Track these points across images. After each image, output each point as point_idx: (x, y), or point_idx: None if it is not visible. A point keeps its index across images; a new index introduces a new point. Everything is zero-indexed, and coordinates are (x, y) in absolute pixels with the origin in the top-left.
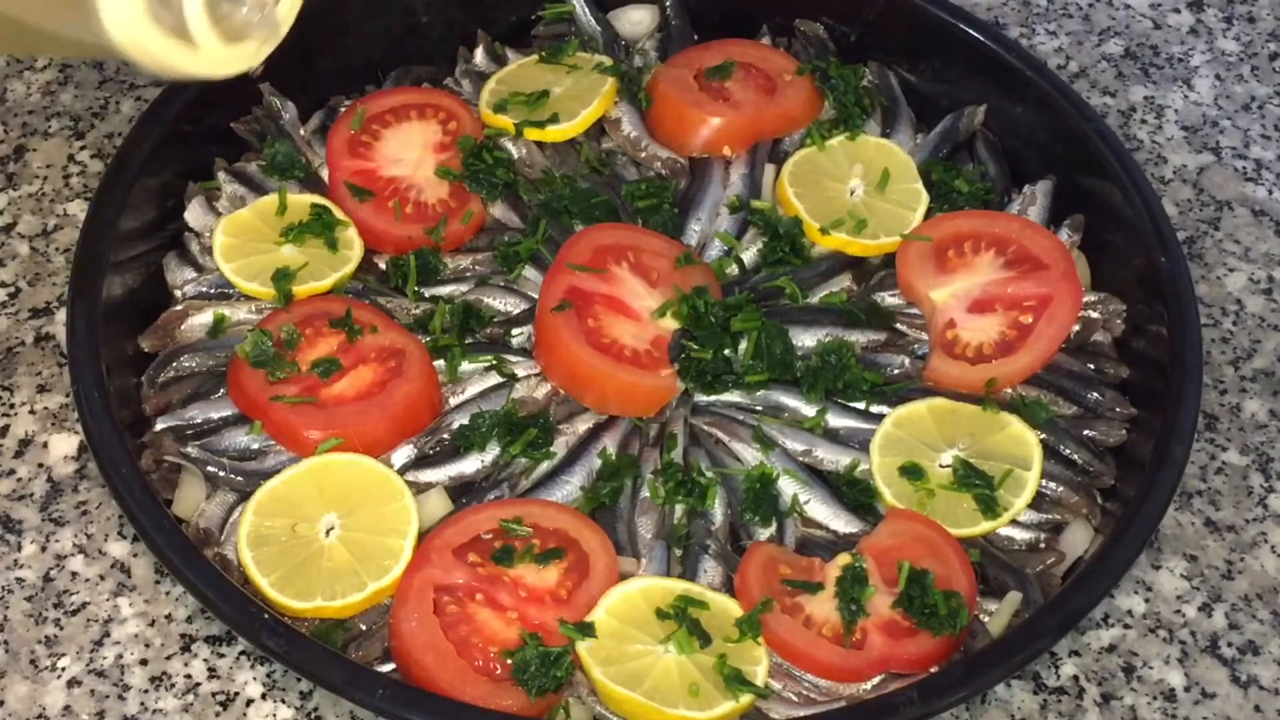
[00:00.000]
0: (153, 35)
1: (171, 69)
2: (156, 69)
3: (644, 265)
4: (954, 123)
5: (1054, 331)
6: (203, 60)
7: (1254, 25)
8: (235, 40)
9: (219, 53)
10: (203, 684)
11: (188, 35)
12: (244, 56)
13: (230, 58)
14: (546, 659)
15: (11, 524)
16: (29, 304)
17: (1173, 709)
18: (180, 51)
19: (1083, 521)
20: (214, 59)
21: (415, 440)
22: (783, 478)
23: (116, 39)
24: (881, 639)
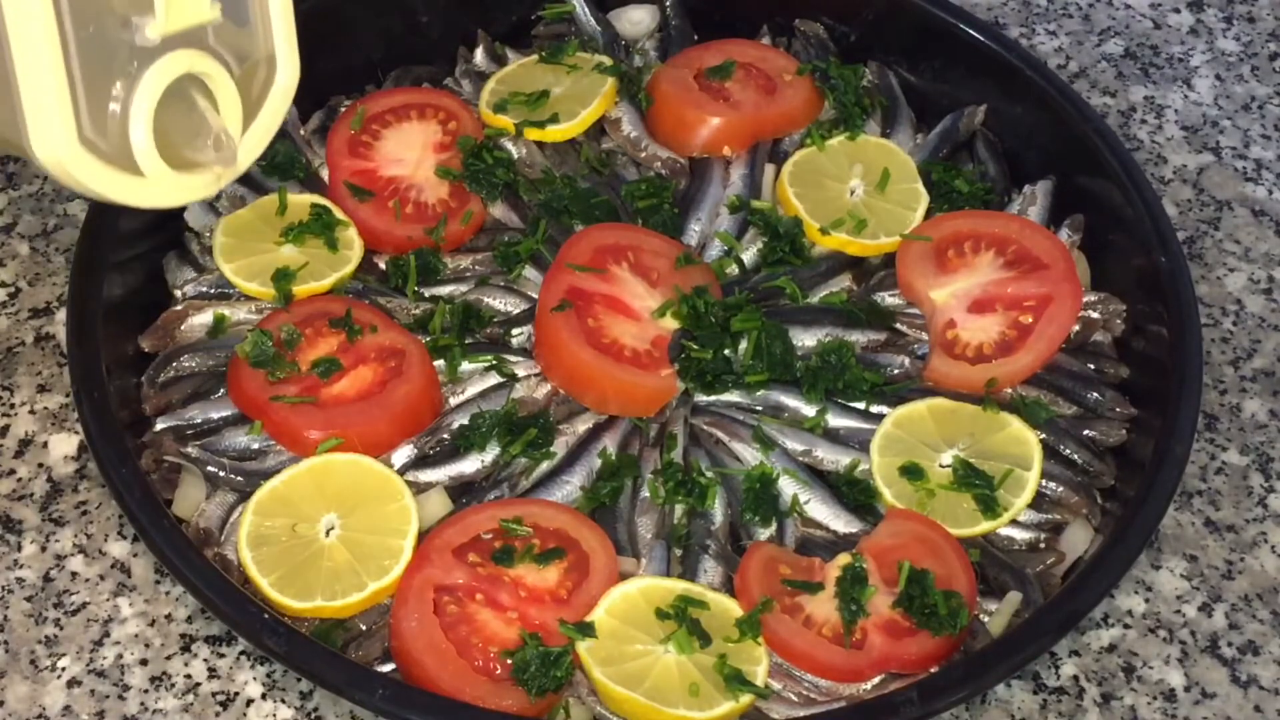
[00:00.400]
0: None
1: (110, 198)
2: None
3: (644, 265)
4: (954, 123)
5: (1054, 331)
6: (148, 191)
7: (1254, 25)
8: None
9: (168, 183)
10: (203, 684)
11: (131, 163)
12: (196, 188)
13: (180, 188)
14: (546, 659)
15: (11, 524)
16: (29, 304)
17: (1173, 709)
18: (121, 181)
19: (1083, 521)
20: (161, 190)
21: (415, 440)
22: (783, 478)
23: (44, 164)
24: (881, 639)
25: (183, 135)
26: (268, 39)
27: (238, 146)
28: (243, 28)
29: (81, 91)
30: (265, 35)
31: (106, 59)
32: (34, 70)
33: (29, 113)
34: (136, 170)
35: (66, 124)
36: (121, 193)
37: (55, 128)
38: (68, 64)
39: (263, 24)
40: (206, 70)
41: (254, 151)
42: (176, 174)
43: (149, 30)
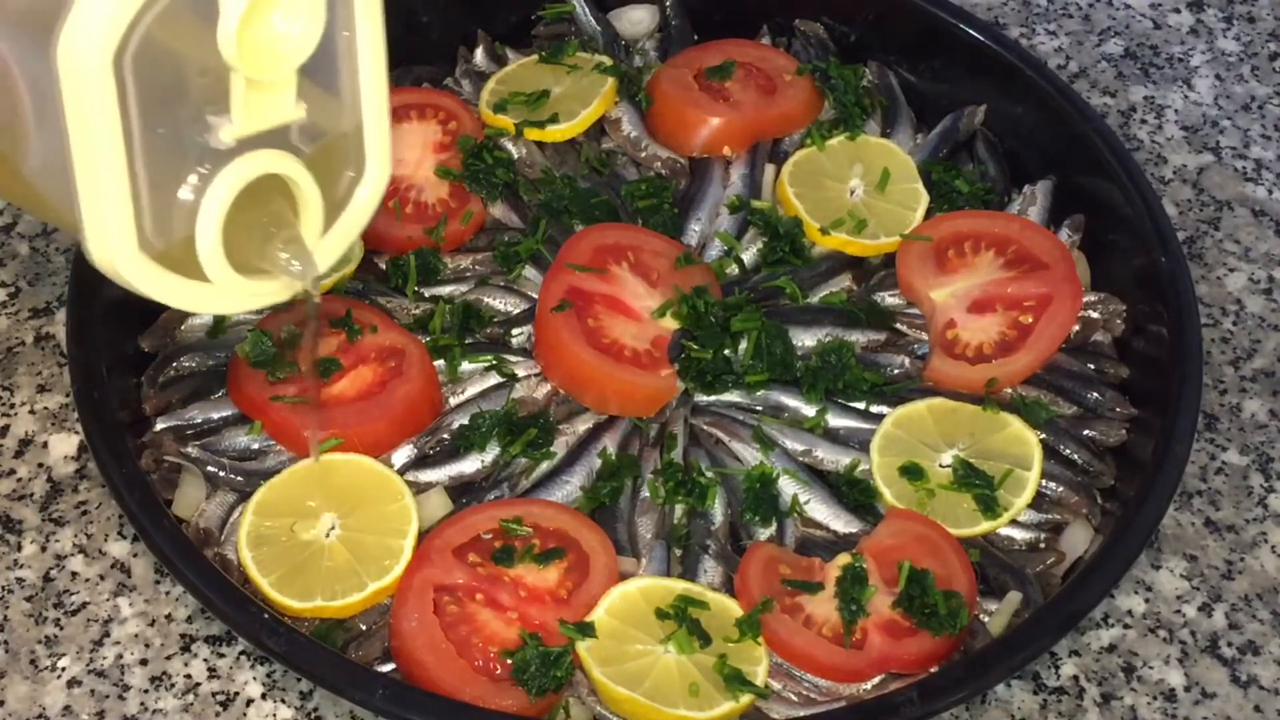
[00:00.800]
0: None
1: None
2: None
3: (644, 265)
4: (954, 123)
5: (1054, 331)
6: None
7: (1254, 25)
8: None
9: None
10: (203, 684)
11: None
12: (264, 295)
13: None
14: (546, 659)
15: (11, 524)
16: (29, 304)
17: (1173, 709)
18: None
19: (1083, 521)
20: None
21: (415, 440)
22: (783, 478)
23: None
24: (881, 639)
25: (254, 237)
26: (357, 137)
27: (314, 254)
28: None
29: (145, 194)
30: (355, 133)
31: (176, 159)
32: (93, 172)
33: (86, 214)
34: (201, 275)
35: (125, 230)
36: (182, 299)
37: (113, 233)
38: (132, 166)
39: (353, 120)
40: (286, 171)
41: (331, 256)
42: (244, 280)
43: (224, 133)
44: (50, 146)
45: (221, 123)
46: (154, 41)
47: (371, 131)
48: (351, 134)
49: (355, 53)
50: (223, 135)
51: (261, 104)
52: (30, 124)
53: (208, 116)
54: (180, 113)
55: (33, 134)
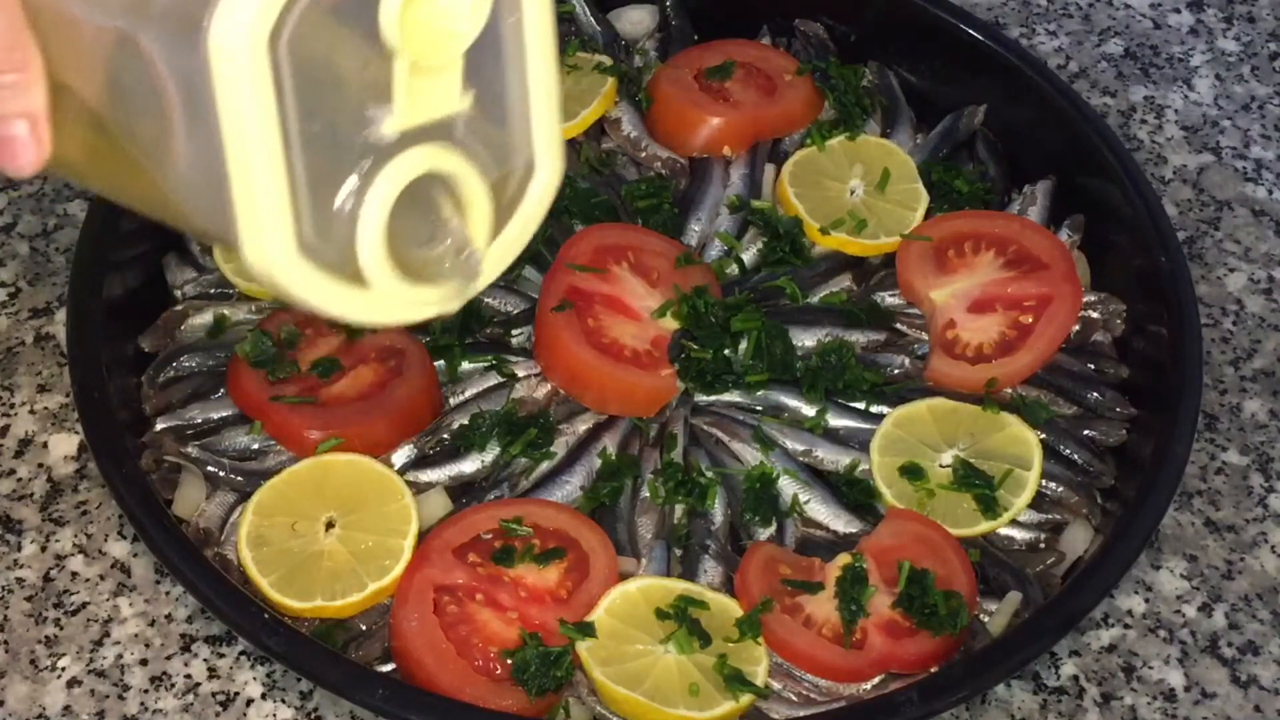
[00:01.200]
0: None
1: (329, 313)
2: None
3: (644, 265)
4: (954, 123)
5: (1054, 331)
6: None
7: (1254, 25)
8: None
9: (397, 296)
10: (203, 684)
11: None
12: (429, 302)
13: (411, 302)
14: (546, 659)
15: (11, 524)
16: (29, 304)
17: (1173, 709)
18: (343, 294)
19: (1083, 521)
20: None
21: (415, 440)
22: (783, 478)
23: (258, 274)
24: (881, 639)
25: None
26: (526, 131)
27: (483, 258)
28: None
29: (304, 194)
30: (524, 126)
31: (336, 156)
32: (249, 172)
33: (242, 217)
34: (362, 281)
35: (284, 232)
36: (342, 307)
37: (271, 235)
38: (289, 164)
39: (522, 112)
40: (452, 169)
41: (502, 263)
42: (408, 286)
43: (385, 126)
44: (200, 150)
45: (383, 114)
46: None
47: (541, 124)
48: (519, 128)
49: (523, 38)
50: (385, 128)
51: (426, 93)
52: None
53: (368, 109)
54: (338, 105)
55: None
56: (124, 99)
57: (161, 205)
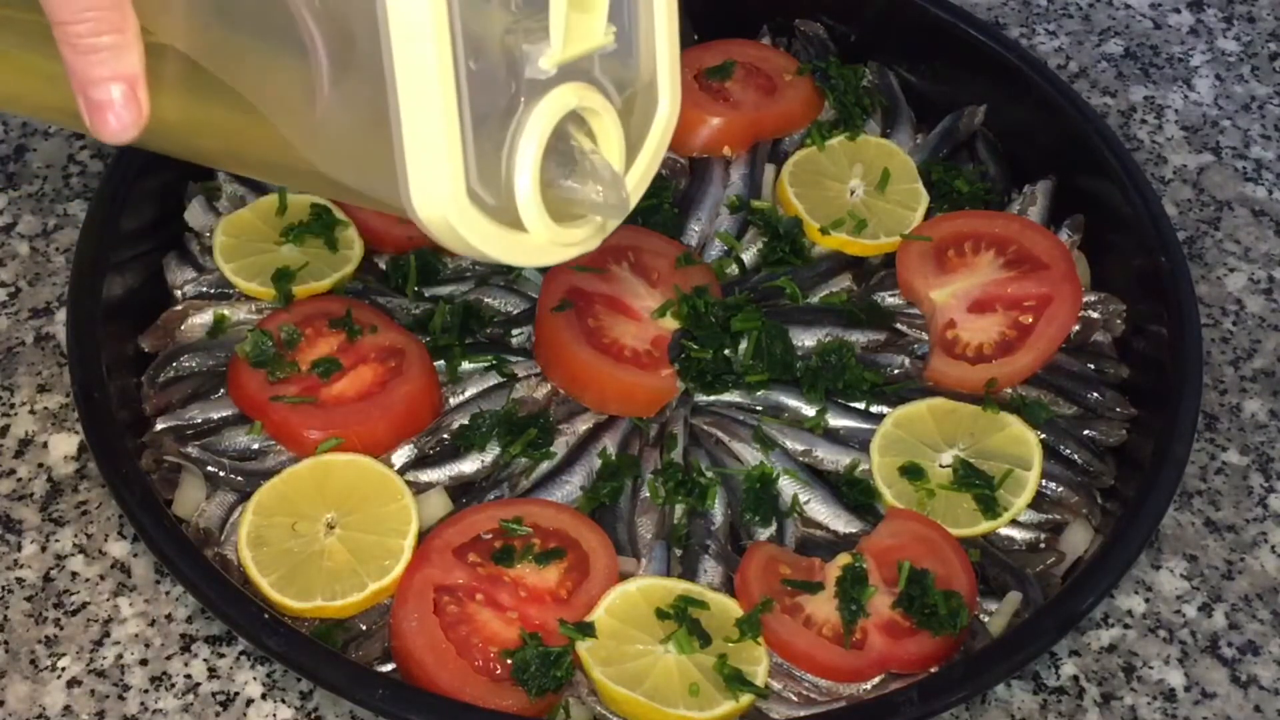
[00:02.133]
0: (470, 219)
1: (486, 256)
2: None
3: (644, 265)
4: (954, 123)
5: (1054, 331)
6: (526, 248)
7: (1254, 25)
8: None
9: (548, 237)
10: (203, 684)
11: (514, 216)
12: (578, 241)
13: (563, 242)
14: (546, 659)
15: (11, 524)
16: (29, 304)
17: (1173, 709)
18: (500, 237)
19: (1083, 521)
20: (541, 246)
21: (415, 440)
22: (783, 478)
23: (425, 220)
24: (881, 639)
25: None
26: (650, 66)
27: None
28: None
29: (470, 137)
30: (648, 62)
31: (493, 96)
32: (423, 113)
33: (412, 164)
34: (518, 224)
35: (456, 175)
36: (506, 251)
37: (443, 181)
38: (460, 106)
39: (646, 49)
40: (593, 105)
41: (638, 193)
42: (559, 227)
43: (543, 60)
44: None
45: (538, 52)
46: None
47: (664, 57)
48: (646, 62)
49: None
50: (543, 63)
51: (580, 26)
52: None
53: (523, 47)
54: (493, 44)
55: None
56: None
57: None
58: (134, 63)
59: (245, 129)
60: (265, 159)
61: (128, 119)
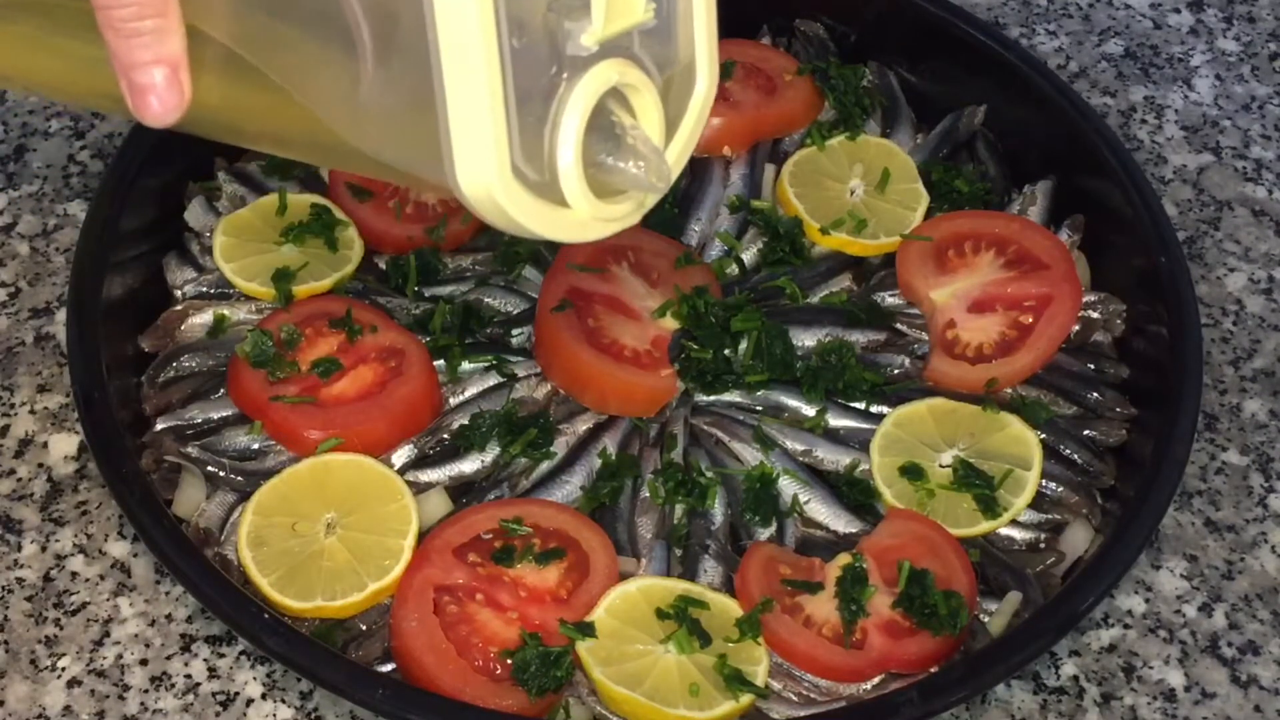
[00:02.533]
0: (515, 195)
1: (530, 232)
2: (512, 230)
3: (644, 265)
4: (954, 123)
5: (1054, 331)
6: (569, 224)
7: (1254, 25)
8: (609, 196)
9: (590, 212)
10: (203, 684)
11: (557, 193)
12: (619, 217)
13: (605, 218)
14: (546, 659)
15: (11, 524)
16: (29, 304)
17: (1173, 709)
18: (544, 213)
19: (1083, 521)
20: (583, 222)
21: (415, 440)
22: (783, 478)
23: (470, 197)
24: (881, 639)
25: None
26: (688, 44)
27: (669, 165)
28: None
29: (514, 114)
30: (686, 40)
31: (535, 73)
32: (469, 93)
33: (458, 143)
34: (561, 200)
35: (501, 152)
36: (549, 227)
37: (488, 157)
38: (504, 83)
39: (684, 27)
40: (633, 81)
41: (676, 170)
42: (600, 203)
43: (584, 38)
44: (398, 76)
45: (580, 28)
46: None
47: (701, 36)
48: (684, 41)
49: None
50: (584, 40)
51: (620, 3)
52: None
53: (565, 23)
54: (535, 21)
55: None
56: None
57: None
58: (176, 46)
59: (286, 111)
60: (306, 140)
61: (171, 102)
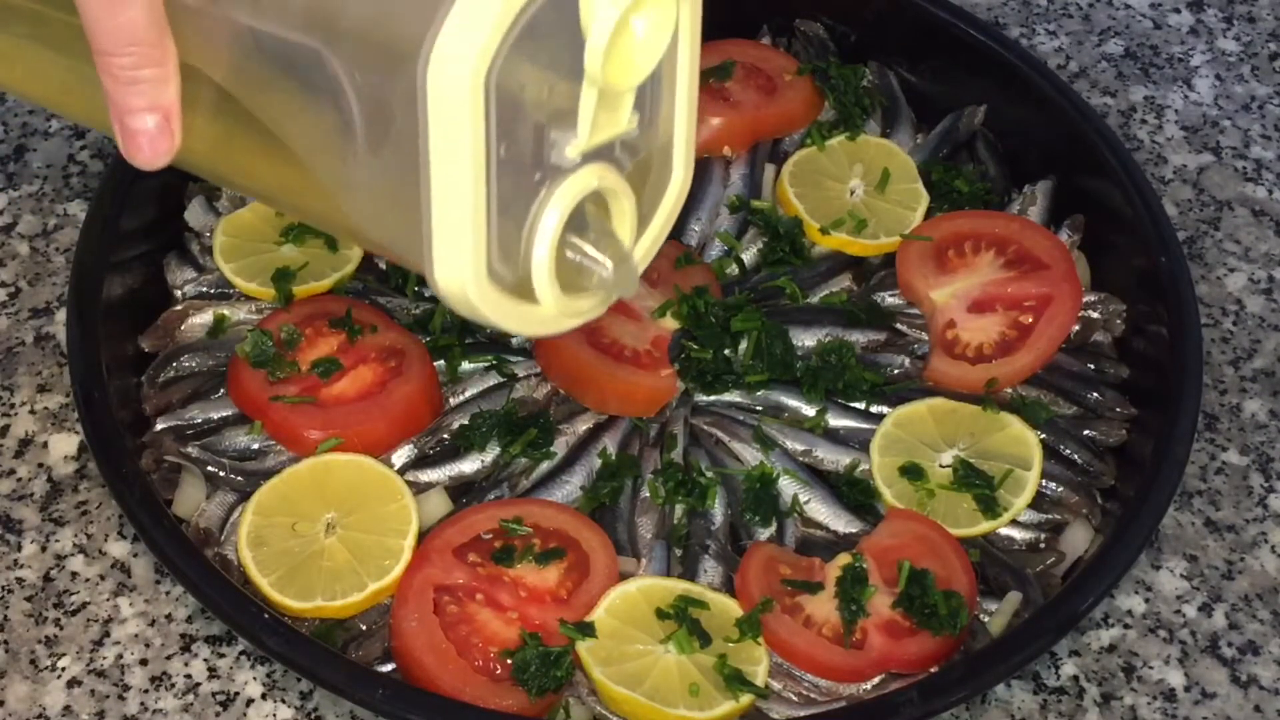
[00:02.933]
0: (488, 295)
1: (499, 327)
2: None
3: None
4: (954, 123)
5: (1054, 331)
6: (536, 319)
7: (1254, 25)
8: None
9: (559, 309)
10: (203, 684)
11: (528, 289)
12: (585, 311)
13: (571, 313)
14: (546, 659)
15: (11, 524)
16: (29, 304)
17: (1173, 709)
18: (514, 310)
19: (1083, 521)
20: (550, 317)
21: (415, 440)
22: (783, 478)
23: (445, 294)
24: (881, 639)
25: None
26: (669, 141)
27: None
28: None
29: (495, 218)
30: (667, 137)
31: (518, 180)
32: (455, 201)
33: (438, 242)
34: (531, 298)
35: (479, 256)
36: (516, 323)
37: (465, 260)
38: (488, 190)
39: (667, 126)
40: (612, 185)
41: (645, 262)
42: (569, 299)
43: (569, 149)
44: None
45: (565, 139)
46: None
47: (681, 133)
48: (664, 139)
49: (677, 57)
50: (569, 151)
51: (607, 117)
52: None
53: (550, 134)
54: (522, 131)
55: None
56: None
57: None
58: (171, 95)
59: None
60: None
61: (161, 147)
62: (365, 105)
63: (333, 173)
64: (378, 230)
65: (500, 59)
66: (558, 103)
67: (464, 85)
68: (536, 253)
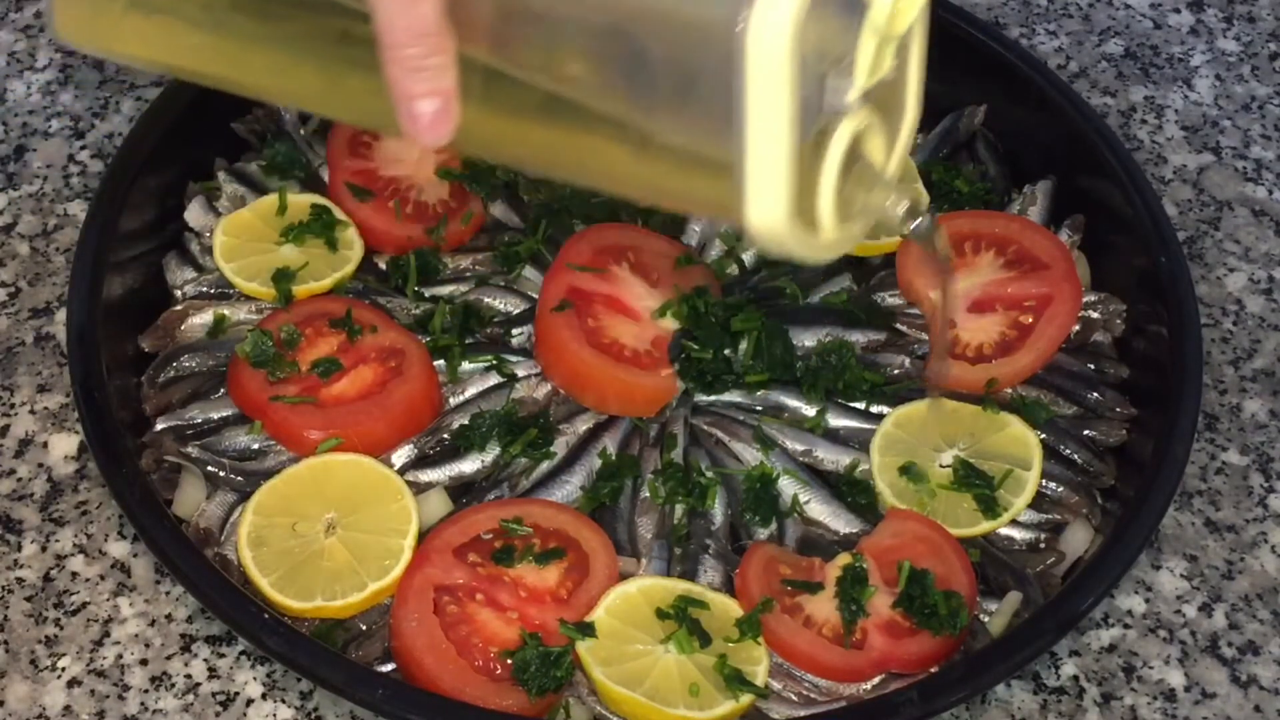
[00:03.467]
0: (795, 231)
1: (791, 252)
2: (779, 250)
3: (644, 265)
4: (954, 123)
5: (1054, 331)
6: (817, 244)
7: (1254, 25)
8: (848, 220)
9: (834, 235)
10: (203, 684)
11: (814, 220)
12: (855, 236)
13: (846, 240)
14: (546, 659)
15: (11, 524)
16: (29, 304)
17: (1173, 709)
18: (806, 239)
19: (1083, 521)
20: (828, 243)
21: (415, 440)
22: (783, 478)
23: (758, 233)
24: (881, 639)
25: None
26: (903, 80)
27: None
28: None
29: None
30: (904, 75)
31: (808, 125)
32: (773, 150)
33: (753, 185)
34: (816, 227)
35: (790, 199)
36: (811, 250)
37: (781, 199)
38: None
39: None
40: (873, 122)
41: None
42: (844, 225)
43: (849, 92)
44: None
45: (843, 82)
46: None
47: (914, 76)
48: (903, 77)
49: None
50: (848, 96)
51: (878, 60)
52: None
53: (829, 79)
54: (812, 81)
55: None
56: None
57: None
58: (451, 80)
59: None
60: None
61: (444, 128)
62: (676, 71)
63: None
64: (674, 180)
65: (804, 21)
66: (836, 52)
67: (784, 49)
68: (824, 188)
